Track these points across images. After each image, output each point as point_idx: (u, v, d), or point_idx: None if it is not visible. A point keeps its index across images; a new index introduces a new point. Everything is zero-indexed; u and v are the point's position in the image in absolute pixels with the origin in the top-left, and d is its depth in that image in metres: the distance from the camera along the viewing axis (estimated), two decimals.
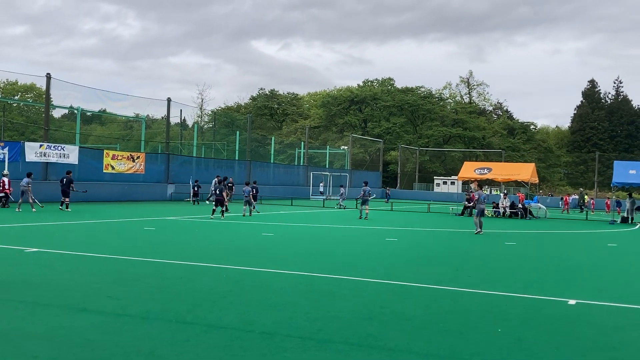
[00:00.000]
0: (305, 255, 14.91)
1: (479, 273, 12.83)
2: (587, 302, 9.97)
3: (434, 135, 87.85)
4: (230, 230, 21.28)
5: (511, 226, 28.84)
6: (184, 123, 69.01)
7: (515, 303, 9.68)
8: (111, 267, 11.80)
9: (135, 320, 7.55)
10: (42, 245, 14.50)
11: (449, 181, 72.53)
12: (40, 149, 34.69)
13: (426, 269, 13.26)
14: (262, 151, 65.97)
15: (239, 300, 8.96)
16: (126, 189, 39.82)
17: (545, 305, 9.65)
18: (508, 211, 36.86)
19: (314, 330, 7.40)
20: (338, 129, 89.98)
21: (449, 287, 10.81)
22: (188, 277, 10.90)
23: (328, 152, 73.28)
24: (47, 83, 36.71)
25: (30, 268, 11.33)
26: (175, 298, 8.96)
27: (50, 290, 9.26)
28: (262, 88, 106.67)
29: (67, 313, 7.81)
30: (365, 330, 7.46)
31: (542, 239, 22.87)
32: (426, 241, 20.07)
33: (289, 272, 11.83)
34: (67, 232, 18.44)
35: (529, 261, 15.34)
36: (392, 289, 10.45)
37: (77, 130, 45.40)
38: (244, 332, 7.19)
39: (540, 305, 9.62)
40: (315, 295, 9.64)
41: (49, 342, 6.47)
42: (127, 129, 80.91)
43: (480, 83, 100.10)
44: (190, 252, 14.54)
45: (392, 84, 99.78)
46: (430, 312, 8.67)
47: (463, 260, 15.15)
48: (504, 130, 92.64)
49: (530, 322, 8.33)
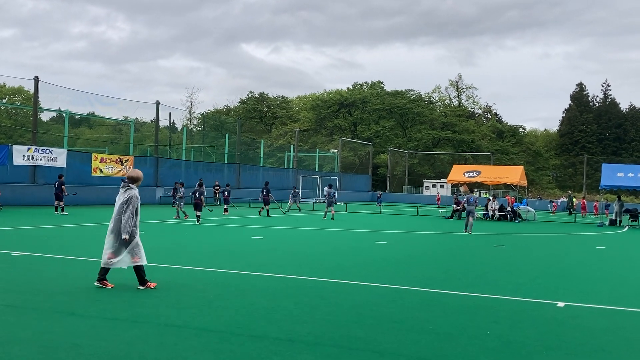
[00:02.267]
0: (294, 258, 14.88)
1: (468, 276, 12.85)
2: (576, 304, 10.01)
3: (424, 139, 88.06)
4: (218, 233, 21.22)
5: (500, 229, 28.93)
6: (173, 126, 68.87)
7: (504, 305, 9.69)
8: (98, 270, 11.70)
9: (124, 325, 7.51)
10: (29, 249, 14.40)
11: (438, 184, 72.71)
12: (28, 152, 34.48)
13: (416, 271, 13.28)
14: (251, 154, 65.87)
15: (228, 304, 8.93)
16: (115, 192, 39.52)
17: (534, 307, 9.68)
18: (497, 214, 36.97)
19: (304, 333, 7.39)
20: (328, 132, 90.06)
21: (439, 290, 10.83)
22: (176, 280, 10.85)
23: (318, 156, 73.33)
24: (35, 86, 36.53)
25: (18, 272, 11.25)
26: (163, 302, 8.92)
27: (38, 294, 9.19)
28: (251, 91, 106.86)
29: (56, 317, 7.76)
30: (355, 333, 7.45)
31: (531, 241, 22.95)
32: (416, 244, 20.09)
33: (278, 276, 11.81)
34: (55, 235, 18.33)
35: (518, 264, 15.38)
36: (382, 292, 10.45)
37: (66, 133, 45.12)
38: (234, 335, 7.17)
39: (529, 307, 9.64)
40: (305, 298, 9.63)
41: (36, 347, 6.41)
42: (116, 132, 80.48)
43: (469, 86, 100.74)
44: (178, 255, 14.49)
45: (381, 87, 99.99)
46: (420, 315, 8.67)
47: (452, 262, 15.18)
48: (493, 134, 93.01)
49: (520, 324, 8.34)
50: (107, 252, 9.89)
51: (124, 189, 10.00)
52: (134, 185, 10.11)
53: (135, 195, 10.01)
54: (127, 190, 10.00)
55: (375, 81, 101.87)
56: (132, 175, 10.13)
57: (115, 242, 9.86)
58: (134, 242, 9.88)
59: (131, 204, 9.88)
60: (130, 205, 9.87)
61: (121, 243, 9.83)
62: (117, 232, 9.86)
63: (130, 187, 10.04)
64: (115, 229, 9.88)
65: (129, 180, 10.07)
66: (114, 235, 9.88)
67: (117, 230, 9.86)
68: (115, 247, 9.87)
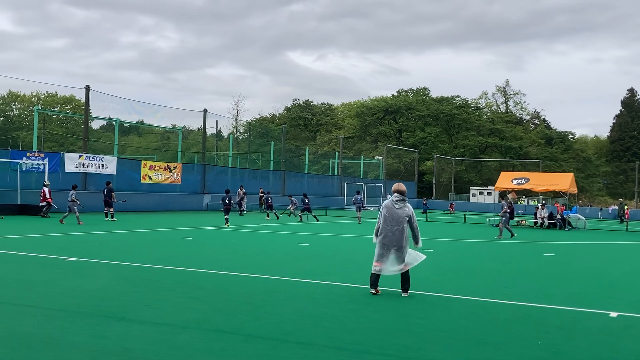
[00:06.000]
0: (340, 265, 14.89)
1: (517, 284, 12.65)
2: (629, 314, 9.75)
3: (470, 145, 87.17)
4: (264, 240, 21.34)
5: (550, 237, 28.42)
6: (219, 134, 69.69)
7: (555, 315, 9.50)
8: (149, 276, 11.92)
9: (173, 330, 7.60)
10: (81, 255, 14.72)
11: (485, 191, 71.84)
12: (79, 159, 35.32)
13: (463, 280, 13.13)
14: (296, 161, 66.19)
15: (275, 310, 8.97)
16: (163, 199, 40.28)
17: (586, 317, 9.47)
18: (546, 222, 36.34)
19: (351, 340, 7.36)
20: (372, 139, 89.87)
21: (487, 299, 10.68)
22: (223, 286, 10.95)
23: (362, 162, 73.20)
24: (87, 95, 37.39)
25: (70, 277, 11.50)
26: (211, 307, 9.00)
27: (90, 299, 9.37)
28: (296, 99, 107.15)
29: (107, 322, 7.89)
30: (403, 342, 7.40)
31: (581, 250, 22.49)
32: (463, 252, 19.88)
33: (325, 283, 11.81)
34: (105, 241, 18.69)
35: (569, 272, 15.08)
36: (429, 300, 10.36)
37: (116, 141, 46.06)
38: (282, 342, 7.19)
39: (581, 317, 9.44)
40: (352, 305, 9.60)
41: (89, 351, 6.53)
42: (164, 139, 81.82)
43: (517, 92, 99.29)
44: (225, 261, 14.62)
45: (427, 93, 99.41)
46: (469, 324, 8.56)
47: (501, 271, 14.97)
48: (542, 140, 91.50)
49: (571, 334, 8.17)
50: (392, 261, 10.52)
51: (402, 202, 10.66)
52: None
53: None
54: (405, 204, 10.72)
55: (421, 87, 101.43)
56: (404, 190, 10.82)
57: (389, 251, 10.51)
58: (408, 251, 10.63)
59: (415, 218, 10.78)
60: (414, 218, 10.76)
61: (396, 251, 10.48)
62: (392, 243, 10.49)
63: (406, 201, 10.78)
64: (393, 240, 10.49)
65: (404, 195, 10.75)
66: (392, 246, 10.51)
67: (393, 241, 10.48)
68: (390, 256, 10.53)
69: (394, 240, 10.48)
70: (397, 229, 10.50)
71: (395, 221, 10.53)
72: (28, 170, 32.99)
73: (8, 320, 7.90)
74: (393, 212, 10.60)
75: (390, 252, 10.48)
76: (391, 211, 10.61)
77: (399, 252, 10.47)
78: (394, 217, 10.56)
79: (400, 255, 10.48)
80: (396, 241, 10.48)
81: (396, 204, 10.66)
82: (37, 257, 14.30)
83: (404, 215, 10.59)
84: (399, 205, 10.65)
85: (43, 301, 9.09)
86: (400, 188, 10.82)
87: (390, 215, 10.59)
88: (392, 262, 10.48)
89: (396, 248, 10.48)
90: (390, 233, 10.50)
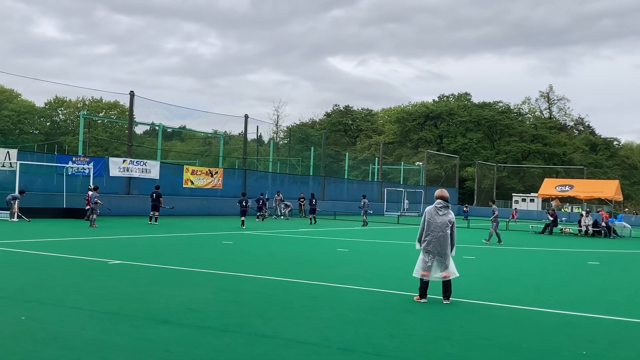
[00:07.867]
0: (379, 271, 14.83)
1: (561, 293, 12.43)
2: None
3: (512, 151, 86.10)
4: (304, 245, 21.38)
5: (594, 245, 27.87)
6: (260, 139, 70.15)
7: (600, 324, 9.32)
8: (191, 279, 12.04)
9: (215, 333, 7.66)
10: (125, 258, 14.94)
11: (528, 198, 70.83)
12: (123, 164, 35.93)
13: (506, 288, 12.95)
14: (336, 167, 66.22)
15: (316, 316, 8.97)
16: (204, 203, 40.69)
17: (632, 327, 9.27)
18: (591, 230, 35.66)
19: (392, 347, 7.32)
20: (413, 145, 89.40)
21: (530, 307, 10.52)
22: (264, 291, 11.00)
23: (402, 168, 72.85)
24: (131, 100, 38.03)
25: (114, 280, 11.68)
26: (252, 312, 9.05)
27: (133, 301, 9.51)
28: (336, 104, 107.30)
29: (150, 324, 8.00)
30: (445, 349, 7.33)
31: (627, 258, 21.99)
32: (505, 259, 19.62)
33: (366, 289, 11.78)
34: (148, 245, 18.94)
35: (614, 281, 14.77)
36: (471, 308, 10.25)
37: (159, 146, 46.74)
38: (322, 347, 7.19)
39: (627, 327, 9.24)
40: (393, 312, 9.55)
41: (132, 353, 6.63)
42: (206, 144, 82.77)
43: (560, 98, 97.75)
44: (265, 266, 14.68)
45: (468, 99, 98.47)
46: (511, 333, 8.44)
47: (544, 279, 14.71)
48: (586, 146, 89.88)
49: (617, 344, 8.00)
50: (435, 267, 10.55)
51: (445, 209, 10.67)
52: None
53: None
54: (448, 211, 10.72)
55: (462, 93, 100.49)
56: (447, 196, 10.87)
57: (433, 258, 10.51)
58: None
59: (455, 226, 10.75)
60: (454, 226, 10.71)
61: (440, 258, 10.45)
62: (435, 249, 10.46)
63: (449, 207, 10.82)
64: (437, 246, 10.48)
65: (447, 201, 10.79)
66: (436, 252, 10.51)
67: (437, 247, 10.46)
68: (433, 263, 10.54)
69: (438, 246, 10.44)
70: (441, 235, 10.45)
71: (439, 227, 10.49)
72: (74, 175, 33.69)
73: (54, 321, 8.06)
74: (437, 219, 10.56)
75: (434, 258, 10.45)
76: (435, 217, 10.57)
77: (442, 258, 10.44)
78: (438, 224, 10.52)
79: (443, 262, 10.44)
80: (440, 247, 10.43)
81: (440, 211, 10.62)
82: (82, 259, 14.57)
83: (447, 221, 10.56)
84: (443, 212, 10.61)
85: (87, 303, 9.25)
86: (444, 194, 10.79)
87: (434, 222, 10.55)
88: (435, 269, 10.45)
89: (440, 254, 10.43)
90: (434, 240, 10.46)
